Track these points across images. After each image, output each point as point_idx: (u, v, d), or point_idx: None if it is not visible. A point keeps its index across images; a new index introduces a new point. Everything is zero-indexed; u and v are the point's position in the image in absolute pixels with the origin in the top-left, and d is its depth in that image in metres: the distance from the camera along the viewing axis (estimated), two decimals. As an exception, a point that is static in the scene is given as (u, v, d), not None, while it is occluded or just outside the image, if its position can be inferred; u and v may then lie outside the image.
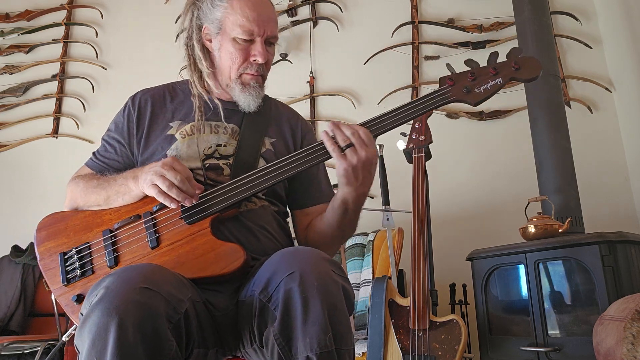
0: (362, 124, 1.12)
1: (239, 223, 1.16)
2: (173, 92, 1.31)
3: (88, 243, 1.15)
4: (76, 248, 1.15)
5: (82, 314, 0.89)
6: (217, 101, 1.26)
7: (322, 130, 1.10)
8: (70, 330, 1.20)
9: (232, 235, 1.14)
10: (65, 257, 1.15)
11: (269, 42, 1.23)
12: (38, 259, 1.17)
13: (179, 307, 0.91)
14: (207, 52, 1.27)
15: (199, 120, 1.23)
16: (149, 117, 1.26)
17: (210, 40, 1.26)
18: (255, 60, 1.21)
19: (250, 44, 1.21)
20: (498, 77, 1.13)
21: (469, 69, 1.16)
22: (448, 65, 1.22)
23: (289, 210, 1.35)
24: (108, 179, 1.19)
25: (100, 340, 0.82)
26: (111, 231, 1.14)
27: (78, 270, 1.12)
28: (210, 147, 1.22)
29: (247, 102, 1.24)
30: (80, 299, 1.09)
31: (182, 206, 1.12)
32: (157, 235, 1.11)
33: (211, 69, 1.26)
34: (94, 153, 1.31)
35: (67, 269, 1.13)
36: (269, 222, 1.22)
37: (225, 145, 1.23)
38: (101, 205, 1.19)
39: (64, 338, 1.28)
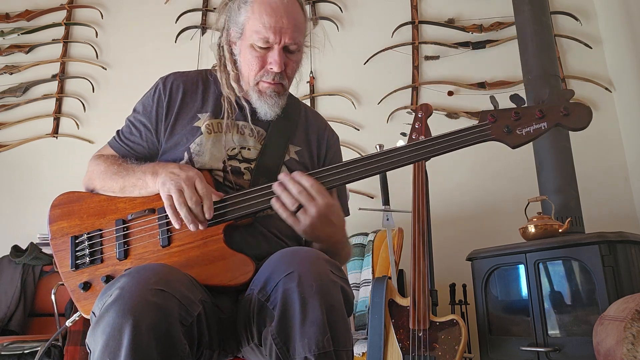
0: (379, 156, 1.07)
1: (253, 228, 1.15)
2: (206, 82, 1.28)
3: (100, 230, 1.14)
4: (88, 234, 1.14)
5: (94, 314, 0.89)
6: (243, 102, 1.23)
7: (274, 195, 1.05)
8: (74, 316, 1.20)
9: (245, 240, 1.13)
10: (77, 241, 1.14)
11: (289, 49, 1.17)
12: (49, 238, 1.17)
13: (192, 309, 0.91)
14: (232, 55, 1.24)
15: (229, 122, 1.20)
16: (178, 104, 1.22)
17: (234, 44, 1.23)
18: (271, 69, 1.16)
19: (267, 51, 1.16)
20: (543, 121, 1.05)
21: (513, 107, 1.08)
22: (492, 98, 1.13)
23: None
24: (127, 168, 1.17)
25: (114, 341, 0.82)
26: (124, 222, 1.13)
27: (87, 258, 1.12)
28: (235, 149, 1.20)
29: (263, 110, 1.21)
30: (87, 286, 1.09)
31: None
32: (169, 234, 1.10)
33: (236, 71, 1.23)
34: (117, 132, 1.28)
35: (77, 254, 1.13)
36: (282, 230, 1.19)
37: (249, 149, 1.20)
38: (116, 193, 1.17)
39: (68, 323, 1.27)
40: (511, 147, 1.08)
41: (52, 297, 2.53)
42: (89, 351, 0.88)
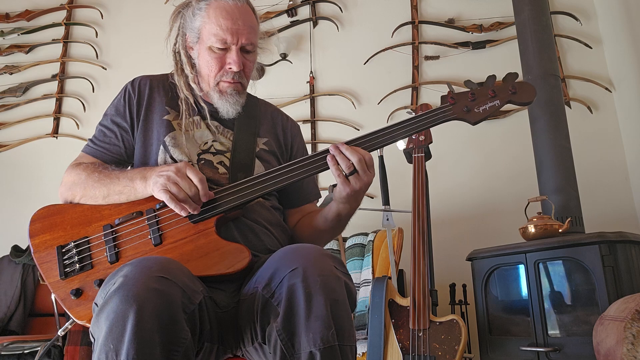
0: (360, 139, 1.15)
1: (240, 222, 1.18)
2: (171, 83, 1.32)
3: (87, 237, 1.13)
4: (74, 242, 1.13)
5: (96, 304, 0.91)
6: (202, 103, 1.28)
7: (328, 154, 1.12)
8: (66, 324, 1.19)
9: (234, 234, 1.15)
10: (63, 250, 1.13)
11: (246, 49, 1.23)
12: (32, 252, 1.15)
13: (194, 297, 0.93)
14: (190, 59, 1.30)
15: (186, 120, 1.25)
16: (146, 99, 1.27)
17: (192, 48, 1.28)
18: (230, 68, 1.22)
19: (225, 52, 1.22)
20: (496, 99, 1.19)
21: (468, 89, 1.22)
22: (448, 84, 1.29)
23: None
24: (109, 176, 1.18)
25: (118, 327, 0.83)
26: (112, 226, 1.13)
27: (77, 265, 1.11)
28: (207, 143, 1.25)
29: (225, 109, 1.26)
30: (78, 293, 1.08)
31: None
32: (161, 232, 1.11)
33: (194, 74, 1.29)
34: (90, 140, 1.30)
35: (65, 262, 1.12)
36: (267, 219, 1.23)
37: (220, 143, 1.25)
38: (98, 202, 1.17)
39: (60, 332, 1.27)
40: (472, 123, 1.20)
41: (52, 297, 2.53)
42: (92, 339, 0.89)
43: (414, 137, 2.19)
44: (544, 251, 2.12)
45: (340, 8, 3.49)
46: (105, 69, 3.65)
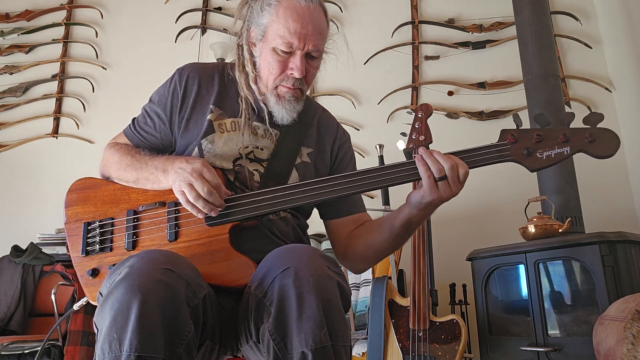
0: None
1: (258, 231, 1.15)
2: (223, 77, 1.26)
3: (112, 219, 1.16)
4: (100, 221, 1.16)
5: (101, 294, 0.91)
6: (261, 104, 1.21)
7: (417, 155, 1.05)
8: (81, 301, 1.21)
9: (249, 243, 1.13)
10: (89, 227, 1.16)
11: (311, 55, 1.17)
12: (64, 221, 1.19)
13: (198, 291, 0.93)
14: (252, 57, 1.21)
15: (245, 122, 1.19)
16: (193, 97, 1.21)
17: (254, 45, 1.20)
18: (292, 74, 1.16)
19: (289, 56, 1.15)
20: (566, 145, 1.00)
21: (537, 126, 1.03)
22: (516, 116, 1.06)
23: (322, 221, 1.33)
24: (140, 161, 1.18)
25: (122, 316, 0.83)
26: (135, 212, 1.15)
27: (97, 245, 1.14)
28: (247, 147, 1.19)
29: (280, 114, 1.20)
30: (95, 273, 1.11)
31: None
32: (177, 229, 1.12)
33: (255, 73, 1.22)
34: (133, 120, 1.28)
35: (88, 240, 1.15)
36: (287, 234, 1.20)
37: (262, 149, 1.20)
38: (130, 184, 1.19)
39: (75, 307, 1.28)
40: (530, 170, 1.05)
41: (52, 297, 2.53)
42: (96, 330, 0.89)
43: (413, 137, 2.18)
44: (544, 251, 2.12)
45: (340, 8, 3.49)
46: (105, 69, 3.65)
